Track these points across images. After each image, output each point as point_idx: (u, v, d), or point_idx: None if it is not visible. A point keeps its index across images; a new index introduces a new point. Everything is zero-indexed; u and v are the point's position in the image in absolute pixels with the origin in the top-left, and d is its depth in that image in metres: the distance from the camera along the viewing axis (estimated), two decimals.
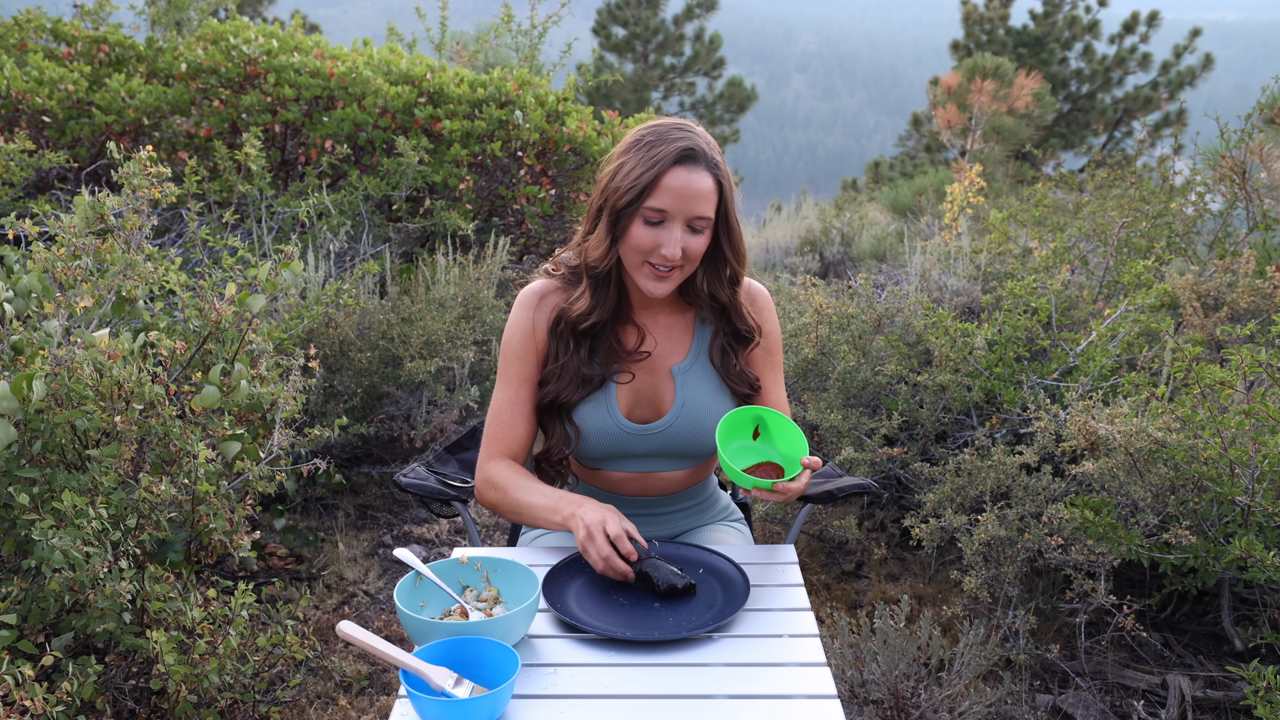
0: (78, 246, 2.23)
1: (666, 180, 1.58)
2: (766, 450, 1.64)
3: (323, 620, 2.95)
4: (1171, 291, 3.44)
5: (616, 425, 1.75)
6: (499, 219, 5.16)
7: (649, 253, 1.62)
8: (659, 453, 1.79)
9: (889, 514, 3.56)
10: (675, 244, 1.60)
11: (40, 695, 1.64)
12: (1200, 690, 2.50)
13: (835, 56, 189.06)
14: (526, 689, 1.33)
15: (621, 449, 1.77)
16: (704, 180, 1.60)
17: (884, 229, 8.64)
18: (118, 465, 1.91)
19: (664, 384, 1.77)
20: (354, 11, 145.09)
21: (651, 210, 1.60)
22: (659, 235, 1.61)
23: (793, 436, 1.60)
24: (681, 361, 1.78)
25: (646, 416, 1.77)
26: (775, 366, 1.85)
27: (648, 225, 1.61)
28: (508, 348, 1.78)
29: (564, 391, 1.72)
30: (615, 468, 1.82)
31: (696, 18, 15.54)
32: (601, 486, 1.88)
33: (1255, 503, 2.25)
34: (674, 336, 1.79)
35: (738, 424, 1.63)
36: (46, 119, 4.30)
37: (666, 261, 1.62)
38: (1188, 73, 14.21)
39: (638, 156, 1.61)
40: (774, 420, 1.63)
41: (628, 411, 1.76)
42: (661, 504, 1.89)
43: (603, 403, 1.75)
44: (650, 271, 1.64)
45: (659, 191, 1.59)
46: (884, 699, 2.33)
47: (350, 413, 3.62)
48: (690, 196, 1.59)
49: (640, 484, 1.85)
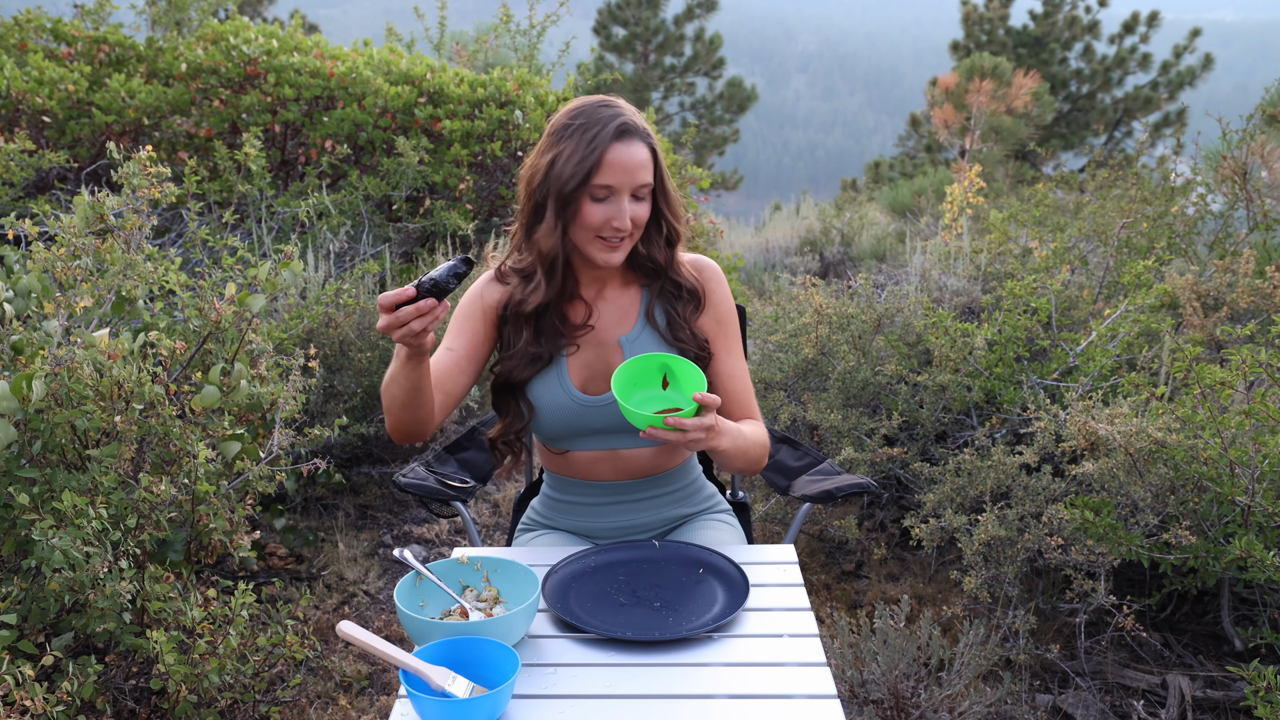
0: (78, 246, 2.23)
1: (609, 158, 1.65)
2: (675, 398, 1.62)
3: (323, 620, 2.95)
4: (1171, 291, 3.44)
5: (570, 399, 1.78)
6: (499, 219, 5.16)
7: (600, 228, 1.69)
8: (617, 426, 1.80)
9: (889, 514, 3.56)
10: (625, 215, 1.67)
11: (40, 695, 1.64)
12: (1200, 690, 2.50)
13: (835, 56, 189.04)
14: (526, 689, 1.33)
15: (578, 423, 1.80)
16: (641, 151, 1.68)
17: (884, 229, 8.64)
18: (118, 465, 1.91)
19: (613, 355, 1.81)
20: (354, 11, 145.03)
21: (599, 188, 1.67)
22: (607, 210, 1.67)
23: (699, 381, 1.58)
24: (629, 332, 1.82)
25: (601, 389, 1.81)
26: (730, 337, 1.86)
27: (596, 202, 1.68)
28: (456, 311, 1.83)
29: (515, 370, 1.78)
30: (579, 446, 1.84)
31: (696, 18, 15.54)
32: (574, 474, 1.89)
33: (1255, 503, 2.25)
34: (621, 308, 1.84)
35: (642, 372, 1.62)
36: (46, 119, 4.30)
37: (618, 233, 1.69)
38: (1188, 73, 14.21)
39: (574, 142, 1.67)
40: (680, 368, 1.61)
41: (582, 386, 1.80)
42: (639, 489, 1.89)
43: (555, 377, 1.79)
44: (601, 244, 1.71)
45: (603, 169, 1.65)
46: (884, 699, 2.33)
47: (350, 413, 3.62)
48: (632, 169, 1.66)
49: (610, 465, 1.86)
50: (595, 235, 1.70)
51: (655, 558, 1.67)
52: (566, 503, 1.93)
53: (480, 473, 2.17)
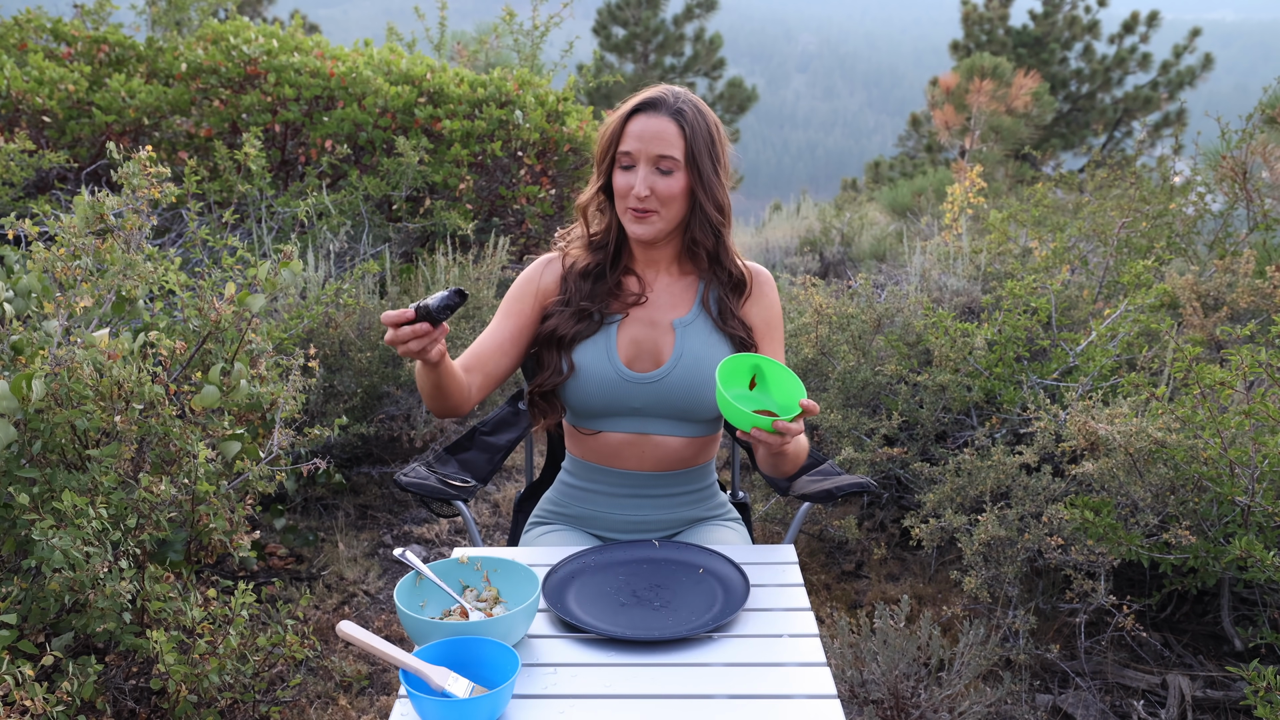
0: (78, 246, 2.23)
1: (630, 127, 1.75)
2: (763, 400, 1.65)
3: (323, 620, 2.95)
4: (1171, 291, 3.44)
5: (616, 372, 1.81)
6: (499, 219, 5.16)
7: (625, 196, 1.76)
8: (655, 409, 1.83)
9: (889, 514, 3.56)
10: (642, 183, 1.73)
11: (40, 695, 1.64)
12: (1200, 690, 2.50)
13: (835, 56, 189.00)
14: (526, 689, 1.33)
15: (619, 399, 1.82)
16: (663, 123, 1.73)
17: (884, 229, 8.63)
18: (118, 465, 1.91)
19: (664, 336, 1.84)
20: (354, 11, 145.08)
21: (623, 155, 1.75)
22: (629, 178, 1.75)
23: (789, 384, 1.60)
24: (684, 315, 1.87)
25: (646, 368, 1.84)
26: (775, 341, 1.92)
27: (623, 170, 1.76)
28: (510, 291, 1.93)
29: (562, 324, 1.84)
30: (612, 427, 1.86)
31: (696, 18, 15.54)
32: (600, 459, 1.89)
33: (1255, 503, 2.25)
34: (675, 293, 1.89)
35: (735, 371, 1.64)
36: (46, 119, 4.30)
37: (640, 202, 1.74)
38: (1188, 73, 14.21)
39: (611, 117, 1.81)
40: (771, 369, 1.64)
41: (628, 362, 1.83)
42: (660, 483, 1.90)
43: (603, 346, 1.83)
44: (631, 216, 1.77)
45: (624, 138, 1.75)
46: (884, 699, 2.33)
47: (350, 413, 3.62)
48: (649, 138, 1.72)
49: (638, 450, 1.87)
50: (626, 206, 1.76)
51: (655, 558, 1.67)
52: (585, 490, 1.93)
53: (481, 473, 2.17)
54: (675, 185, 1.75)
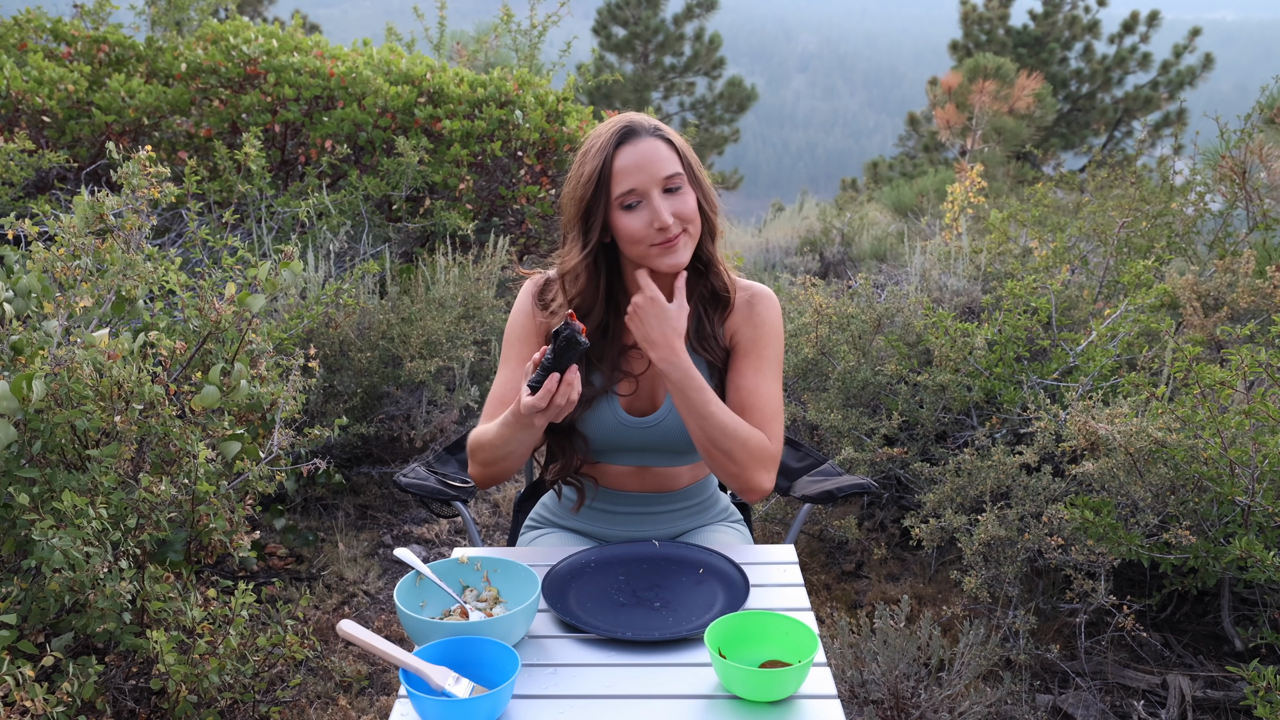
0: (77, 246, 2.23)
1: (618, 163, 1.60)
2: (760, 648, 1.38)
3: (323, 620, 2.95)
4: (1171, 291, 3.44)
5: (616, 419, 1.78)
6: (499, 219, 5.16)
7: (645, 236, 1.61)
8: (655, 446, 1.80)
9: (889, 514, 3.56)
10: (665, 210, 1.60)
11: (40, 695, 1.64)
12: (1200, 690, 2.49)
13: (835, 56, 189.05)
14: (526, 689, 1.33)
15: (618, 442, 1.80)
16: (653, 145, 1.61)
17: (884, 229, 8.63)
18: (118, 465, 1.91)
19: (659, 376, 1.77)
20: (354, 11, 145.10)
21: (623, 195, 1.60)
22: (643, 215, 1.61)
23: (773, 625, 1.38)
24: None
25: (644, 409, 1.80)
26: (763, 358, 1.77)
27: (628, 212, 1.61)
28: (510, 331, 1.81)
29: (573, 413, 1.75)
30: (613, 460, 1.85)
31: (696, 17, 15.54)
32: (600, 483, 1.89)
33: (1255, 503, 2.25)
34: None
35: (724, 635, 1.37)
36: (46, 119, 4.30)
37: (667, 231, 1.61)
38: (1188, 73, 14.21)
39: (584, 163, 1.64)
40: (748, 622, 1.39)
41: (627, 407, 1.80)
42: (661, 501, 1.90)
43: (603, 402, 1.78)
44: (659, 250, 1.62)
45: (616, 176, 1.60)
46: (884, 699, 2.33)
47: (350, 413, 3.62)
48: (647, 163, 1.60)
49: (639, 480, 1.86)
50: (647, 245, 1.62)
51: (655, 557, 1.67)
52: (585, 506, 1.93)
53: None
54: (690, 201, 1.64)
